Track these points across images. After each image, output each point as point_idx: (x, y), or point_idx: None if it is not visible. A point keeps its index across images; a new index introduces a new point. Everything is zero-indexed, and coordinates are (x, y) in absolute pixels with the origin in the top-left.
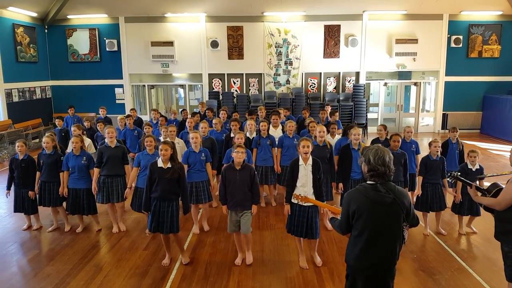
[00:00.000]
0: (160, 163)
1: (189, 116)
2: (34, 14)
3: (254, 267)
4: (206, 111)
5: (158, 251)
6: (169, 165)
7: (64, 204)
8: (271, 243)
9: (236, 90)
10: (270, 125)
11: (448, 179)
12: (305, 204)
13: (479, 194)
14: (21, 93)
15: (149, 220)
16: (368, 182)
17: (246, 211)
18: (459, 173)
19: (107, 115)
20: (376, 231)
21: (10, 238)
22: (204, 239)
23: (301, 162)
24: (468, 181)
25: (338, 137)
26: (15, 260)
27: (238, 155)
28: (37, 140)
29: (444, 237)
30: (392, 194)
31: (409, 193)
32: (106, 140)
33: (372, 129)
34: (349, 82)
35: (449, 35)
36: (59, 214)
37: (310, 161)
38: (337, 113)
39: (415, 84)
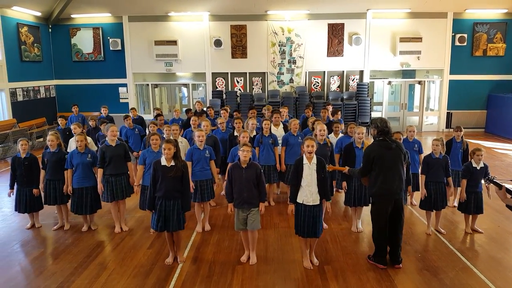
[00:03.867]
0: (163, 161)
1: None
2: (38, 14)
3: (258, 266)
4: (208, 109)
5: (162, 250)
6: (172, 163)
7: (69, 203)
8: (275, 242)
9: (239, 89)
10: (272, 124)
11: (484, 182)
12: (310, 204)
13: (509, 196)
14: (25, 92)
15: (154, 219)
16: (378, 139)
17: (253, 208)
18: (495, 176)
19: (109, 114)
20: (388, 167)
21: (15, 236)
22: (208, 238)
23: (305, 161)
24: (499, 183)
25: (341, 135)
26: (20, 259)
27: (244, 154)
28: (41, 139)
29: (448, 236)
30: (395, 143)
31: (413, 193)
32: (107, 139)
33: None
34: (353, 80)
35: (453, 34)
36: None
37: (314, 160)
38: (339, 112)
39: (419, 82)
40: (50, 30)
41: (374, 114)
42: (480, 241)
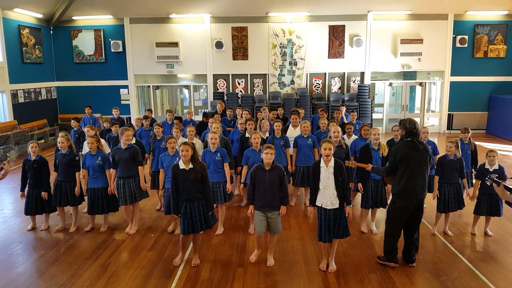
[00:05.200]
0: (181, 165)
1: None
2: (40, 16)
3: (259, 268)
4: (228, 110)
5: (163, 252)
6: (190, 165)
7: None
8: (276, 244)
9: (240, 91)
10: (290, 125)
11: (487, 182)
12: (329, 208)
13: (507, 193)
14: (26, 94)
15: (181, 224)
16: (406, 139)
17: (275, 211)
18: (496, 175)
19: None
20: (414, 169)
21: (16, 238)
22: (209, 240)
23: (322, 164)
24: (498, 181)
25: (354, 137)
26: (21, 260)
27: (267, 156)
28: (42, 141)
29: (451, 238)
30: (422, 145)
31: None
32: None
33: None
34: (354, 82)
35: (454, 35)
36: (68, 214)
37: (332, 163)
38: (354, 113)
39: (420, 84)
40: (51, 32)
41: (375, 116)
42: (482, 243)
